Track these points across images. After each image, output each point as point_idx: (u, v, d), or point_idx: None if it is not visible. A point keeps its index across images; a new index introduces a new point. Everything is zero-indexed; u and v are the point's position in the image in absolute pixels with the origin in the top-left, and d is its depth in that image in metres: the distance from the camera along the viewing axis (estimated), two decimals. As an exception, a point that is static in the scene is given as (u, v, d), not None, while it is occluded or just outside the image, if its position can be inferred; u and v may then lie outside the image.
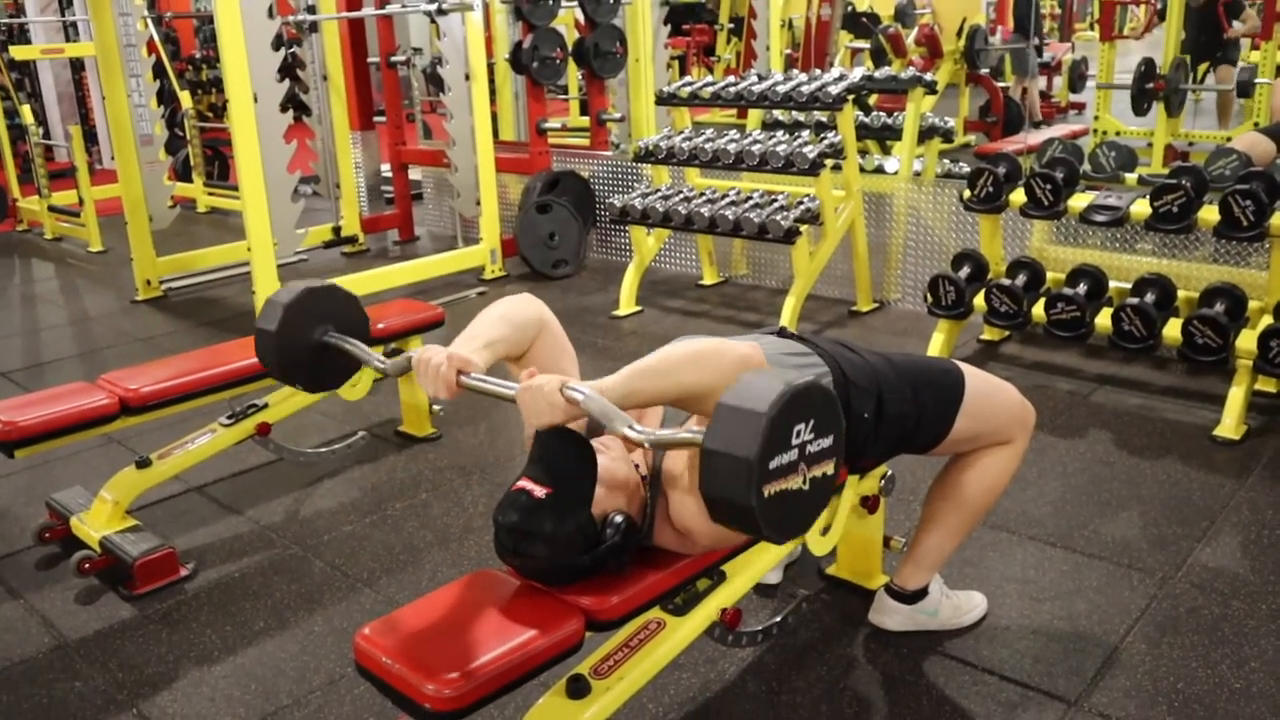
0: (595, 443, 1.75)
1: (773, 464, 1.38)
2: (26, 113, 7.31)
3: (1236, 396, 3.36)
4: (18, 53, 8.08)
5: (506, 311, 1.91)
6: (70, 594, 2.73)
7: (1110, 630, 2.37)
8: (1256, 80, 6.79)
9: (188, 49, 9.81)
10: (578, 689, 1.75)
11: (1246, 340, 3.35)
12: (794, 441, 1.41)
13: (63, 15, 9.55)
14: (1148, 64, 6.26)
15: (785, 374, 1.43)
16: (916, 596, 2.34)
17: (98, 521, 2.84)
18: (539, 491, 1.65)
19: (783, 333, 2.18)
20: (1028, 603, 2.49)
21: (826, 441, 1.46)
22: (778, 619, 2.20)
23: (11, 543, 3.02)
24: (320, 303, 2.09)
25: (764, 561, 2.06)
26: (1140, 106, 6.51)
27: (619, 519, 1.69)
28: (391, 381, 3.56)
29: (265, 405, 3.14)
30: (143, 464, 2.93)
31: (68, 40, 9.43)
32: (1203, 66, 7.50)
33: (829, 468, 1.48)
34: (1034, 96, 9.17)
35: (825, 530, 2.21)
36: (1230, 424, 3.34)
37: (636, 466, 1.80)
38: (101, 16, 5.36)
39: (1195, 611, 2.43)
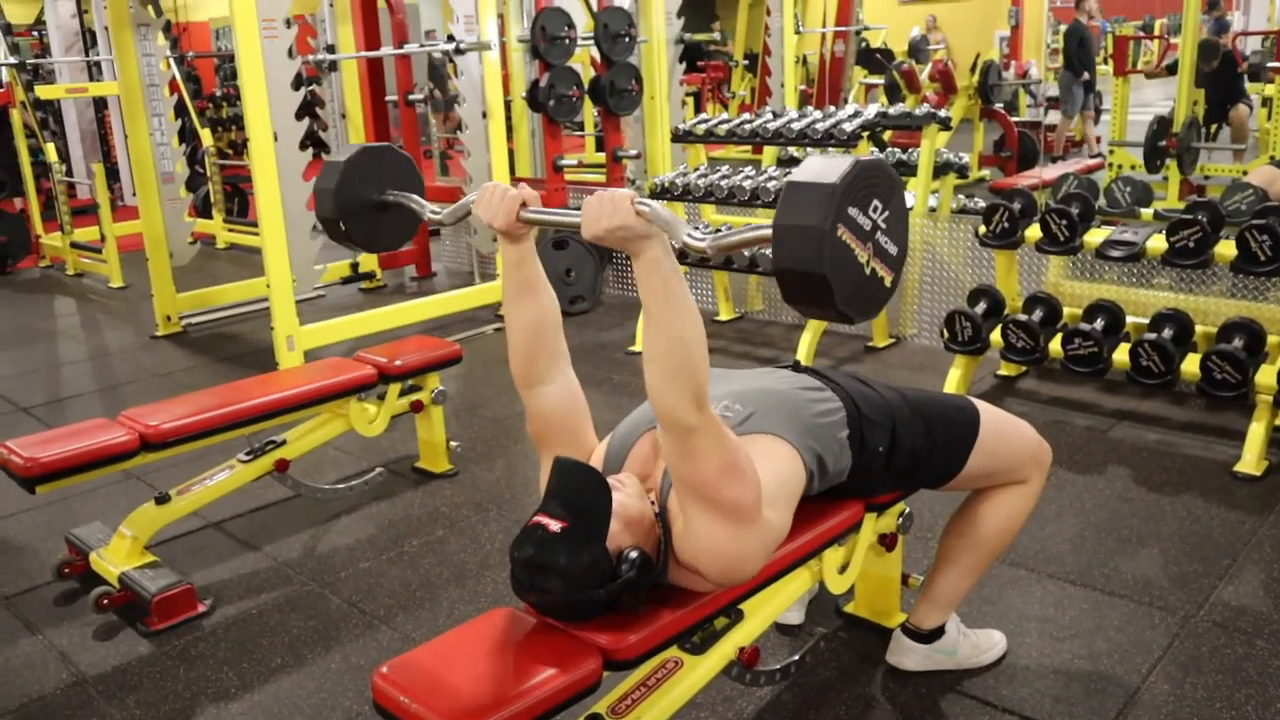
0: (611, 480, 1.75)
1: (850, 210, 1.40)
2: (51, 150, 7.41)
3: (1257, 432, 3.34)
4: (43, 92, 8.20)
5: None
6: (89, 629, 2.73)
7: (1132, 670, 2.34)
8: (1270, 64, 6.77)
9: (209, 87, 9.93)
10: (595, 729, 1.74)
11: (1266, 375, 3.33)
12: (870, 212, 1.43)
13: (87, 55, 9.70)
14: (1160, 122, 6.28)
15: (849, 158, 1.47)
16: (933, 636, 2.32)
17: (117, 557, 2.85)
18: (554, 525, 1.65)
19: (797, 367, 2.19)
20: (1048, 641, 2.47)
21: (893, 248, 1.48)
22: (796, 658, 2.19)
23: (31, 578, 3.04)
24: (377, 162, 2.13)
25: (781, 599, 2.06)
26: (1153, 164, 6.52)
27: (634, 554, 1.68)
28: (409, 418, 3.58)
29: (284, 442, 3.16)
30: (162, 500, 2.94)
31: (92, 79, 9.58)
32: (1214, 127, 7.52)
33: (888, 276, 1.49)
34: (1088, 133, 9.17)
35: (843, 568, 2.20)
36: (1251, 460, 3.32)
37: (652, 503, 1.80)
38: (125, 57, 5.45)
39: (1218, 651, 2.40)
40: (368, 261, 6.49)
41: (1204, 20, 6.94)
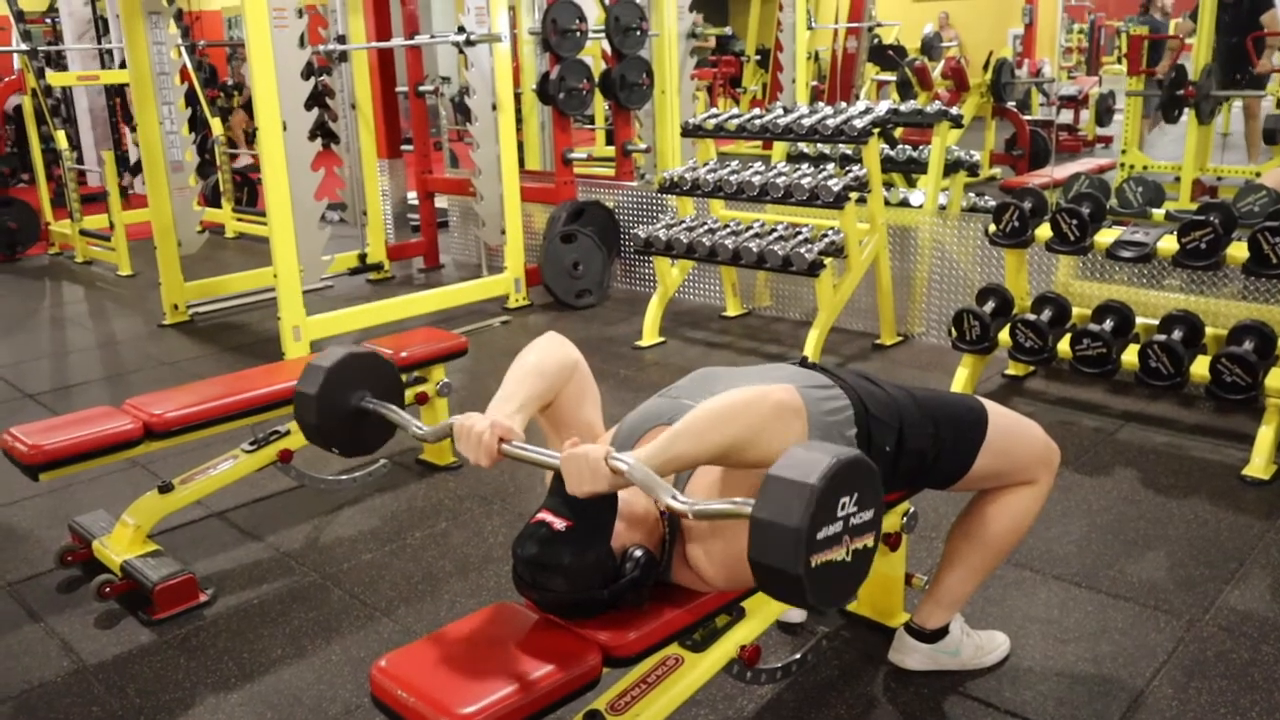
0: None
1: (820, 535, 1.39)
2: (61, 138, 7.42)
3: (1266, 436, 3.32)
4: (54, 79, 8.21)
5: (540, 363, 1.93)
6: (90, 618, 2.73)
7: (1136, 673, 2.33)
8: None
9: (223, 76, 9.93)
10: (594, 725, 1.73)
11: (1276, 379, 3.31)
12: (839, 514, 1.42)
13: (99, 43, 9.71)
14: (1179, 70, 6.23)
15: (831, 446, 1.45)
16: (937, 636, 2.31)
17: (119, 545, 2.85)
18: (559, 524, 1.64)
19: (804, 363, 2.18)
20: (1052, 643, 2.45)
21: (868, 515, 1.47)
22: (797, 656, 2.17)
23: (34, 565, 3.04)
24: (358, 367, 2.12)
25: (784, 598, 2.04)
26: (1171, 114, 6.47)
27: (638, 553, 1.68)
28: (413, 411, 3.56)
29: (288, 432, 3.15)
30: (165, 489, 2.94)
31: (103, 67, 9.58)
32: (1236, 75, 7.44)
33: (869, 540, 1.49)
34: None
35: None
36: (1260, 464, 3.29)
37: (656, 502, 1.79)
38: (136, 44, 5.44)
39: (1224, 655, 2.38)
40: (375, 252, 6.49)
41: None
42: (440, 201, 7.00)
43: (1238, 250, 3.42)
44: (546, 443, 2.01)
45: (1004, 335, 3.89)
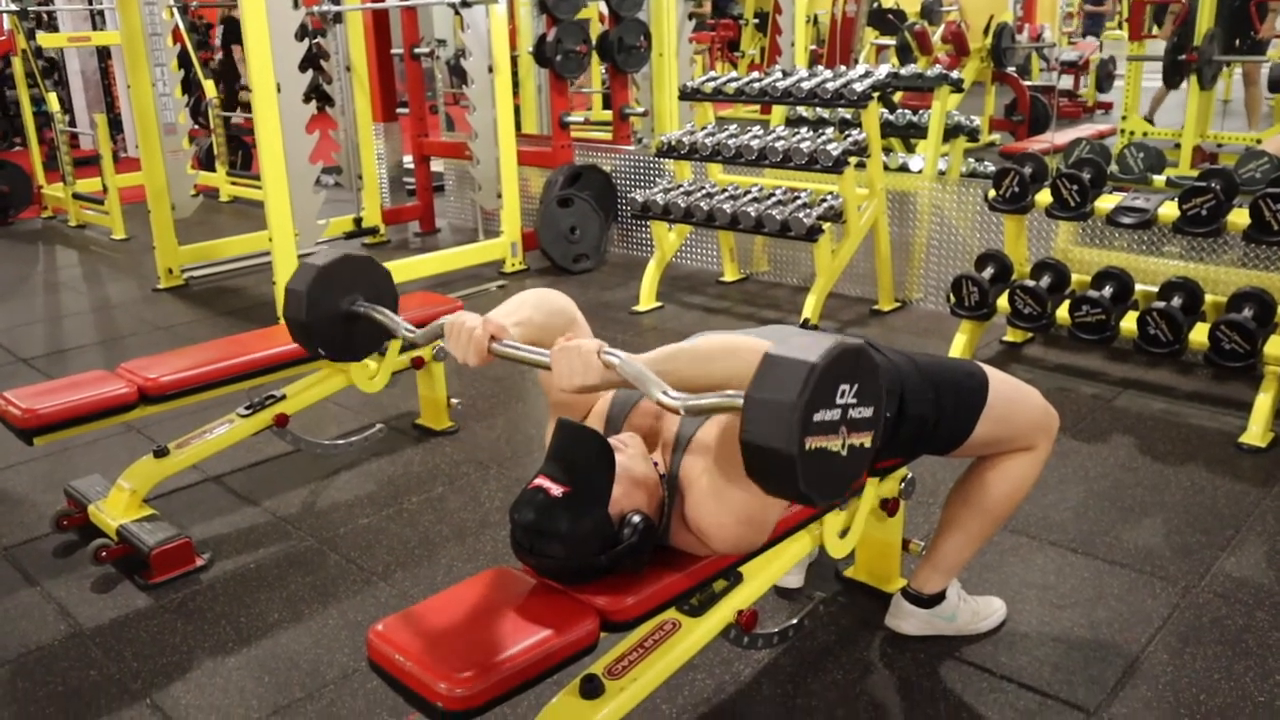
0: (613, 440, 1.73)
1: (816, 416, 1.35)
2: (53, 100, 7.34)
3: (1264, 403, 3.31)
4: (45, 40, 8.12)
5: (540, 298, 1.91)
6: (86, 582, 2.73)
7: (1131, 639, 2.33)
8: None
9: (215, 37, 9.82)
10: (591, 689, 1.73)
11: (1275, 346, 3.30)
12: (838, 401, 1.38)
13: (90, 3, 9.60)
14: (1181, 35, 6.18)
15: (831, 336, 1.41)
16: (933, 601, 2.31)
17: (115, 510, 2.84)
18: (556, 490, 1.63)
19: (805, 326, 2.16)
20: (1048, 609, 2.46)
21: (867, 411, 1.44)
22: (794, 621, 2.18)
23: (30, 529, 3.03)
24: (352, 270, 2.08)
25: (781, 563, 2.04)
26: (1173, 79, 6.42)
27: (637, 519, 1.67)
28: (410, 374, 3.55)
29: (283, 396, 3.14)
30: (161, 453, 2.93)
31: (95, 28, 9.48)
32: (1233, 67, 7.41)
33: (867, 439, 1.45)
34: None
35: (844, 533, 2.18)
36: (1257, 431, 3.29)
37: (655, 465, 1.78)
38: (127, 5, 5.38)
39: (1218, 622, 2.39)
40: (371, 216, 6.45)
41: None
42: (436, 165, 6.94)
43: (1239, 217, 3.40)
44: (547, 428, 1.98)
45: (1003, 301, 3.87)
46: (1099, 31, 9.66)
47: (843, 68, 4.72)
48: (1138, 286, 3.77)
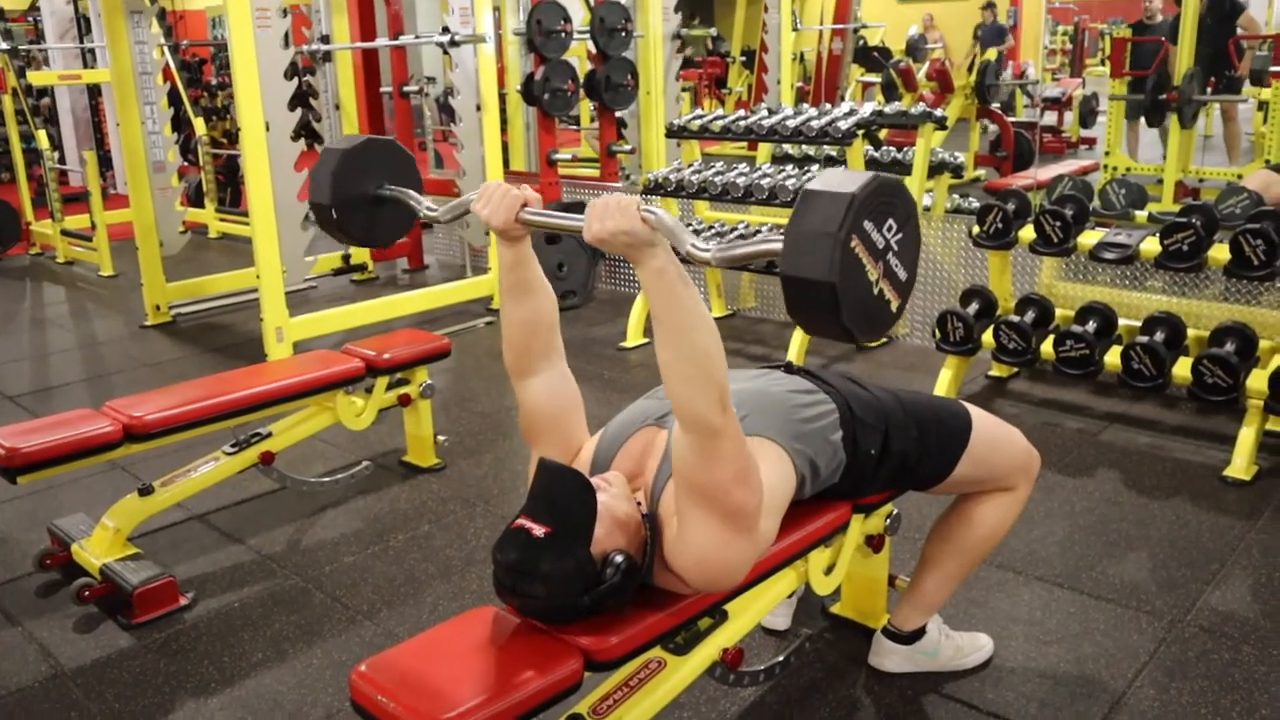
0: (596, 480, 1.73)
1: (866, 222, 1.37)
2: (42, 137, 7.37)
3: (1247, 437, 3.33)
4: (35, 78, 8.15)
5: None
6: (69, 622, 2.71)
7: (1118, 674, 2.33)
8: (1271, 69, 6.76)
9: (208, 74, 9.89)
10: (576, 729, 1.72)
11: (1257, 380, 3.32)
12: (884, 230, 1.40)
13: (81, 42, 9.65)
14: (1161, 76, 6.26)
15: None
16: (914, 637, 2.31)
17: (99, 548, 2.82)
18: (538, 530, 1.62)
19: (789, 368, 2.17)
20: (1034, 645, 2.46)
21: (902, 274, 1.45)
22: (780, 659, 2.18)
23: (12, 568, 3.01)
24: (378, 155, 2.10)
25: (767, 600, 2.04)
26: (1154, 119, 6.50)
27: (619, 559, 1.66)
28: (396, 411, 3.55)
29: (269, 434, 3.13)
30: (145, 491, 2.92)
31: (85, 66, 9.52)
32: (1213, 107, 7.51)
33: (895, 300, 1.46)
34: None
35: (829, 569, 2.18)
36: (1241, 465, 3.31)
37: (639, 504, 1.78)
38: (118, 44, 5.41)
39: (1205, 656, 2.39)
40: (359, 253, 6.46)
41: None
42: (425, 202, 6.96)
43: (1219, 252, 3.43)
44: (530, 466, 1.97)
45: (987, 337, 3.89)
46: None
47: (828, 105, 4.77)
48: (1121, 321, 3.80)
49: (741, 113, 4.86)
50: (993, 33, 10.49)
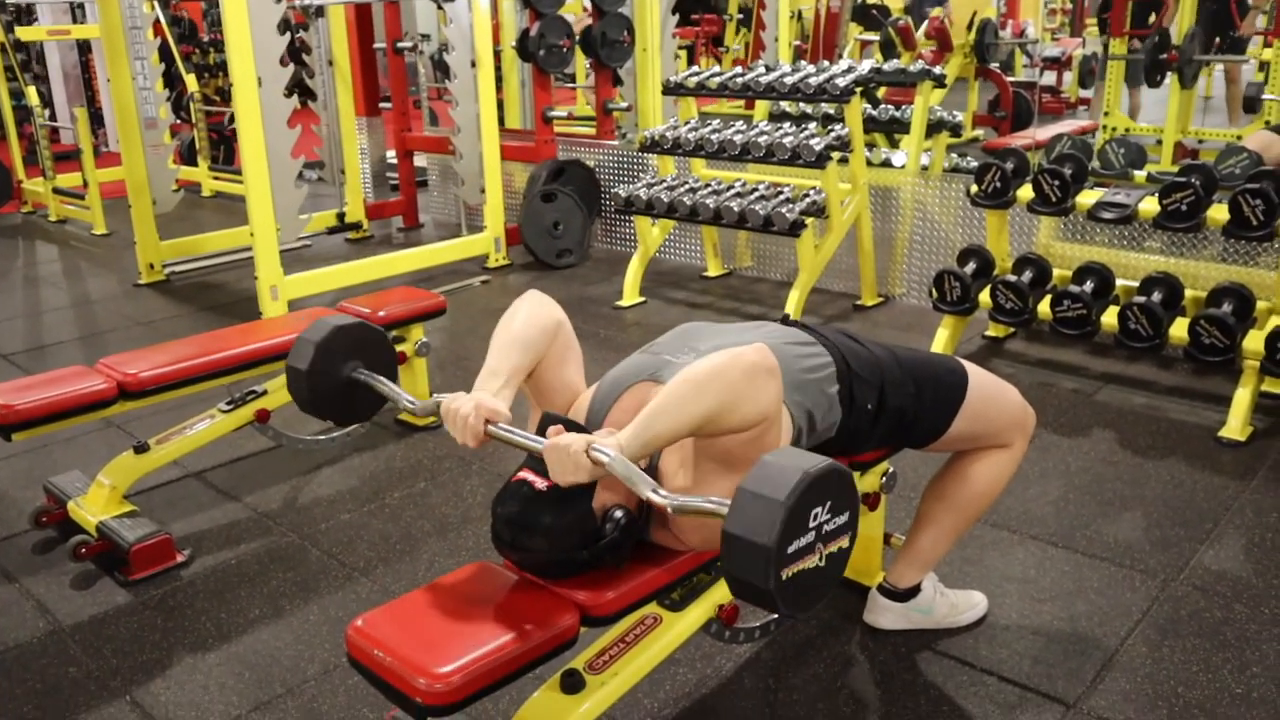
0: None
1: (791, 549, 1.39)
2: (32, 94, 7.30)
3: (1242, 398, 3.34)
4: (24, 34, 8.05)
5: (524, 334, 1.88)
6: (66, 579, 2.72)
7: (1111, 632, 2.35)
8: (1264, 97, 6.76)
9: (202, 31, 9.77)
10: (572, 684, 1.73)
11: (1254, 341, 3.32)
12: (811, 525, 1.42)
13: (70, -4, 9.53)
14: (1162, 35, 6.21)
15: (803, 458, 1.43)
16: (909, 595, 2.32)
17: (95, 506, 2.83)
18: (540, 483, 1.63)
19: (786, 321, 2.16)
20: (1028, 603, 2.47)
21: (842, 519, 1.47)
22: (775, 616, 2.18)
23: (8, 526, 3.01)
24: (349, 339, 2.12)
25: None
26: (1154, 78, 6.45)
27: (619, 514, 1.67)
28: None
29: (265, 392, 3.13)
30: (141, 449, 2.92)
31: (74, 22, 9.40)
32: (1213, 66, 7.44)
33: (844, 542, 1.49)
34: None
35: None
36: (1236, 425, 3.31)
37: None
38: (107, -2, 5.34)
39: (1197, 615, 2.41)
40: (354, 211, 6.42)
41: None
42: (419, 160, 6.92)
43: (1218, 212, 3.42)
44: (529, 407, 1.98)
45: (984, 296, 3.88)
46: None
47: (826, 63, 4.73)
48: (1118, 281, 3.79)
49: (739, 70, 4.81)
50: None
